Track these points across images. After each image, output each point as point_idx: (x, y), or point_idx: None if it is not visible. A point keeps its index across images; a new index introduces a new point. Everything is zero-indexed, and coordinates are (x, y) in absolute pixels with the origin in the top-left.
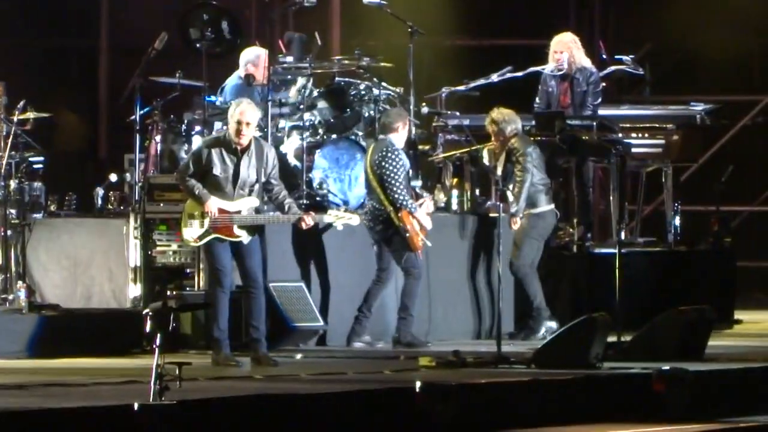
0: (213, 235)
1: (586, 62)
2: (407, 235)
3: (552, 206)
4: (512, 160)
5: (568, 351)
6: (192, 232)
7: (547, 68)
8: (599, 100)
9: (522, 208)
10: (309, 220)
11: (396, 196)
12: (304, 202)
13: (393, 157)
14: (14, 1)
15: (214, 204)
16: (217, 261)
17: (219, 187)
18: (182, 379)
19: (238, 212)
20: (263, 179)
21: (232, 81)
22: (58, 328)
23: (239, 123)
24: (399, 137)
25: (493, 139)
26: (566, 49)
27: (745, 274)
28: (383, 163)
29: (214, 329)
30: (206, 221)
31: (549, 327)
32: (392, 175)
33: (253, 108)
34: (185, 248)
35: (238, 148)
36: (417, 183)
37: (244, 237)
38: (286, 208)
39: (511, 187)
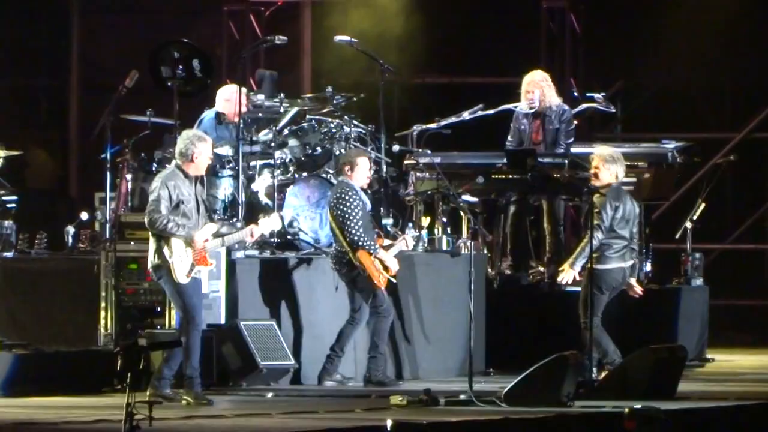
0: (196, 268)
1: (558, 100)
2: (366, 274)
3: (622, 264)
4: (592, 212)
5: (539, 389)
6: (182, 268)
7: (519, 106)
8: (572, 138)
9: (578, 264)
10: (257, 232)
11: (351, 237)
12: (275, 240)
13: (346, 198)
14: None
15: (200, 237)
16: (195, 298)
17: (189, 218)
18: (153, 418)
19: (206, 240)
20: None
21: (208, 116)
22: (28, 366)
23: (209, 157)
24: (354, 177)
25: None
26: (538, 88)
27: (717, 313)
28: (338, 205)
29: (188, 367)
30: (190, 256)
31: None
32: (345, 216)
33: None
34: (155, 286)
35: (193, 176)
36: (388, 221)
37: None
38: (225, 228)
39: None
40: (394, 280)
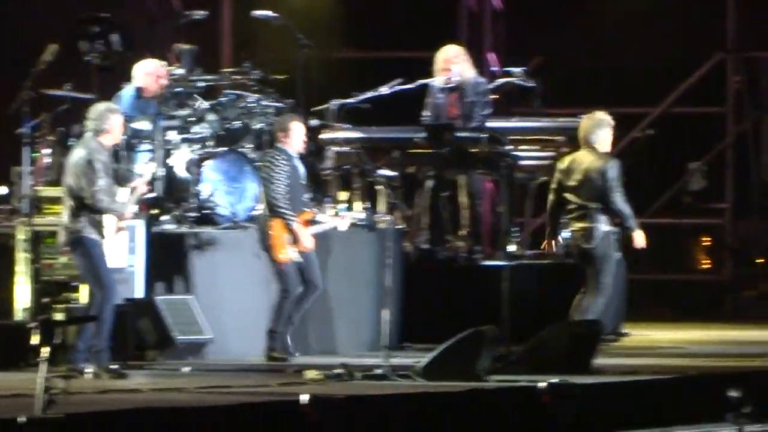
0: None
1: (474, 73)
2: (270, 243)
3: (572, 228)
4: None
5: (455, 364)
6: (110, 241)
7: (436, 80)
8: (488, 110)
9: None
10: (140, 185)
11: (270, 201)
12: (194, 214)
13: (273, 162)
14: None
15: (130, 210)
16: (111, 271)
17: (113, 189)
18: (69, 392)
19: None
20: None
21: (127, 92)
22: None
23: (121, 125)
24: (289, 142)
25: None
26: (454, 64)
27: (634, 287)
28: (264, 168)
29: (100, 340)
30: (114, 228)
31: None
32: (269, 179)
33: None
34: (71, 261)
35: (109, 147)
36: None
37: None
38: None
39: None
40: (295, 258)
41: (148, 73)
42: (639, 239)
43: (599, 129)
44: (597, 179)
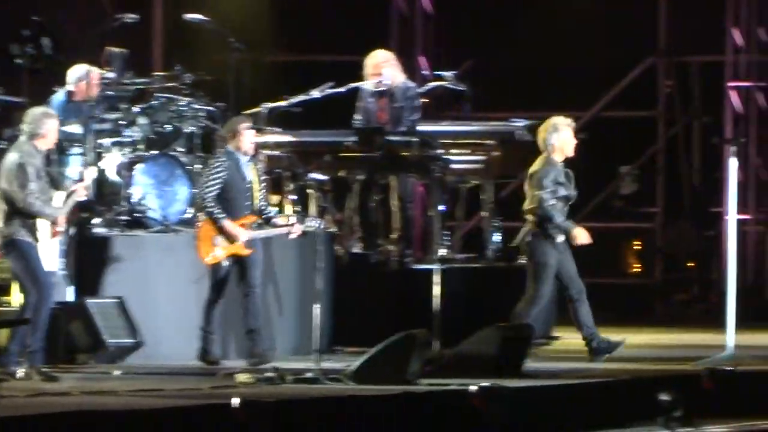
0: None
1: (403, 78)
2: (196, 243)
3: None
4: None
5: (386, 367)
6: (44, 244)
7: (367, 84)
8: (417, 115)
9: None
10: (81, 190)
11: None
12: (125, 218)
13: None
14: None
15: (63, 214)
16: (47, 274)
17: (46, 193)
18: (0, 396)
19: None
20: None
21: (59, 97)
22: None
23: (56, 130)
24: (239, 145)
25: None
26: (384, 68)
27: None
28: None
29: (35, 341)
30: (49, 231)
31: None
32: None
33: None
34: (3, 264)
35: (44, 151)
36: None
37: None
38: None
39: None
40: (225, 263)
41: (79, 77)
42: (580, 236)
43: (550, 135)
44: (531, 184)
